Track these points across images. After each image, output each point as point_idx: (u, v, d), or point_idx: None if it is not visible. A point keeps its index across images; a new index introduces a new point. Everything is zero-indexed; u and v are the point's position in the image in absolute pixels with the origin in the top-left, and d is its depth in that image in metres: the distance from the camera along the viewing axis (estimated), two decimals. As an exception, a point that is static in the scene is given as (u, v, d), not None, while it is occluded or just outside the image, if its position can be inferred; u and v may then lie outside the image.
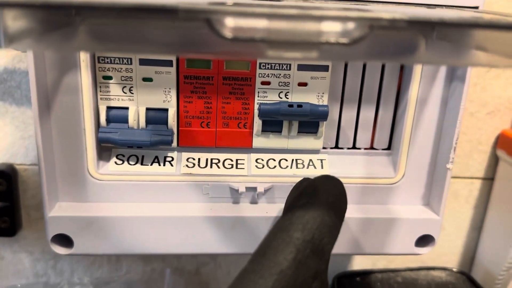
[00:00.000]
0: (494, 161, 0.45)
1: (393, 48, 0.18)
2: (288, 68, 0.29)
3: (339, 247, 0.31)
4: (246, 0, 0.20)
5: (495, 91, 0.43)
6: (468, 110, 0.43)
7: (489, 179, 0.45)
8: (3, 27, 0.14)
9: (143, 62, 0.29)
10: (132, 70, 0.29)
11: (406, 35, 0.17)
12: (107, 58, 0.28)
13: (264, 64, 0.29)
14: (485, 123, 0.44)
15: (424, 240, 0.32)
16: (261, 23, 0.15)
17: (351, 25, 0.15)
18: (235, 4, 0.16)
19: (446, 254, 0.48)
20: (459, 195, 0.46)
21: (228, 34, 0.15)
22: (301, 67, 0.29)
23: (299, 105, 0.29)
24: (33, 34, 0.15)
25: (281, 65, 0.29)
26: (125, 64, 0.29)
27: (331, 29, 0.15)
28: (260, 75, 0.29)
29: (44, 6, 0.14)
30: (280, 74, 0.30)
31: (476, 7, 0.27)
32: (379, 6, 0.24)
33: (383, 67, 0.30)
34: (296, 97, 0.30)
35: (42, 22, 0.14)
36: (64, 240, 0.30)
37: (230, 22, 0.15)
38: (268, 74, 0.30)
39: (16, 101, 0.38)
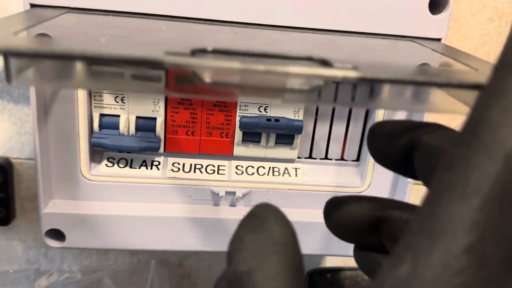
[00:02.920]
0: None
1: (354, 94, 0.20)
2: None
3: (309, 248, 0.34)
4: (226, 44, 0.22)
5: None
6: (439, 121, 0.46)
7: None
8: (9, 69, 0.17)
9: (134, 77, 0.31)
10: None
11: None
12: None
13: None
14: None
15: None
16: (235, 78, 0.17)
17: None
18: (215, 51, 0.19)
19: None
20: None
21: (207, 80, 0.18)
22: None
23: (277, 120, 0.32)
24: (36, 74, 0.17)
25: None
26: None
27: (293, 80, 0.18)
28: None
29: (48, 55, 0.16)
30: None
31: (439, 39, 0.30)
32: (344, 43, 0.27)
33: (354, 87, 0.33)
34: (274, 111, 0.33)
35: (45, 67, 0.17)
36: (56, 234, 0.32)
37: (208, 75, 0.17)
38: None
39: (14, 99, 0.40)
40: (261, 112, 0.33)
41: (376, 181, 0.35)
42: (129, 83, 0.18)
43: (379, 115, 0.33)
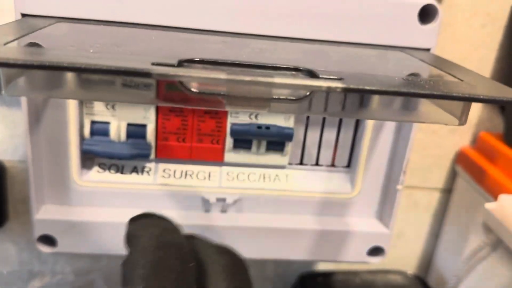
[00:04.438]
0: (452, 175, 0.48)
1: (344, 104, 0.21)
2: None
3: (299, 254, 0.35)
4: (214, 54, 0.22)
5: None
6: (430, 128, 0.47)
7: (447, 190, 0.49)
8: (1, 80, 0.17)
9: (125, 86, 0.31)
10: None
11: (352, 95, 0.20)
12: None
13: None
14: (447, 139, 0.47)
15: (377, 251, 0.35)
16: (221, 88, 0.18)
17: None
18: (202, 61, 0.19)
19: (405, 258, 0.52)
20: (419, 204, 0.50)
21: (194, 90, 0.18)
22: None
23: (267, 127, 0.32)
24: (26, 85, 0.18)
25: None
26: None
27: (279, 91, 0.19)
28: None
29: (38, 66, 0.16)
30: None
31: (428, 49, 0.30)
32: (333, 53, 0.27)
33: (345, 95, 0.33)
34: (265, 119, 0.33)
35: (35, 77, 0.17)
36: (48, 239, 0.33)
37: (194, 86, 0.18)
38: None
39: (7, 103, 0.40)
40: (251, 119, 0.33)
41: (366, 187, 0.35)
42: (119, 92, 0.19)
43: (370, 122, 0.33)
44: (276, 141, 0.33)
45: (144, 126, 0.32)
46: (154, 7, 0.27)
